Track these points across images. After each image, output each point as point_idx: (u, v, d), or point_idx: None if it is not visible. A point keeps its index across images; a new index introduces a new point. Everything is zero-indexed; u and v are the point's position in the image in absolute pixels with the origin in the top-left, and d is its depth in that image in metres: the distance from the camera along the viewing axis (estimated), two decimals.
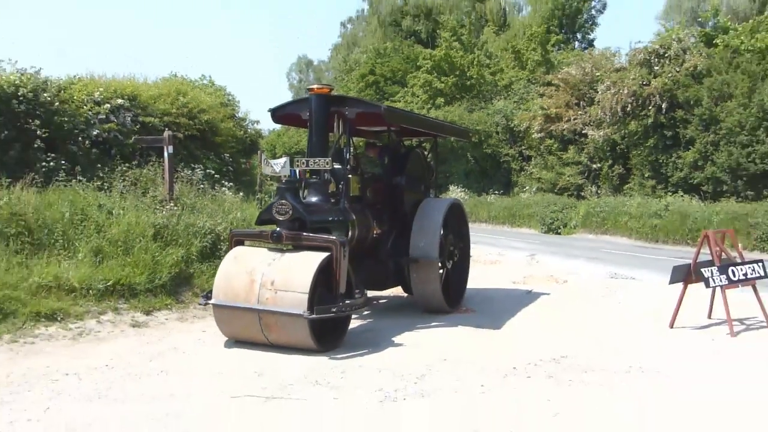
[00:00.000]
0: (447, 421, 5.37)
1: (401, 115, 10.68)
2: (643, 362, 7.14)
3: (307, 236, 7.54)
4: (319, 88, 8.51)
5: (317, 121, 8.44)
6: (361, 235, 8.80)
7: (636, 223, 23.99)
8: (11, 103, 13.00)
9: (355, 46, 65.84)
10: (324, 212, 8.16)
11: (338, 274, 7.37)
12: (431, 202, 10.08)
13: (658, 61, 28.49)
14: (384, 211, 9.68)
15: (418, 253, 9.21)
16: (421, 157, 10.96)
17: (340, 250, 7.35)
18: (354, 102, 9.09)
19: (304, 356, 7.42)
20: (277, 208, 7.65)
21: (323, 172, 8.28)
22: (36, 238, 9.55)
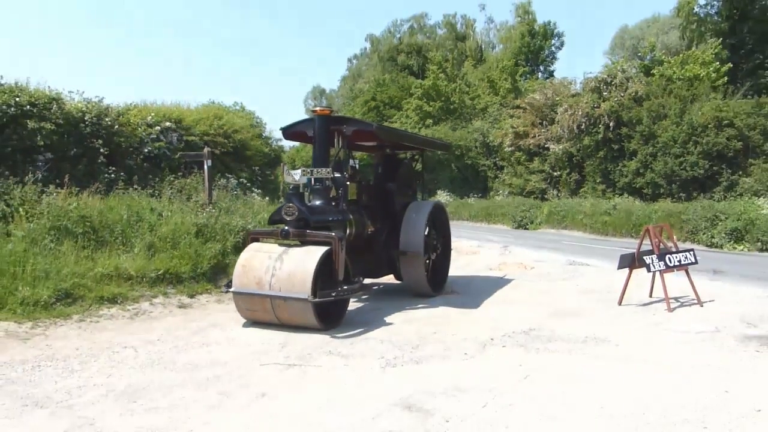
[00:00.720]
0: (437, 381, 5.34)
1: (390, 132, 10.72)
2: (597, 333, 7.11)
3: (310, 233, 7.51)
4: (321, 110, 8.47)
5: (319, 137, 8.39)
6: (358, 232, 8.79)
7: (590, 219, 23.95)
8: (79, 126, 13.01)
9: (359, 77, 65.73)
10: (325, 213, 8.11)
11: (337, 264, 7.36)
12: (418, 204, 9.98)
13: (606, 87, 28.57)
14: (377, 212, 9.62)
15: (406, 247, 9.20)
16: (410, 167, 10.91)
17: (338, 244, 7.35)
18: (351, 121, 9.05)
19: (318, 330, 7.41)
20: (285, 210, 7.65)
21: (324, 179, 8.26)
22: (100, 236, 9.53)
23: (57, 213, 9.33)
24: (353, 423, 4.42)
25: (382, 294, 10.23)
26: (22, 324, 6.99)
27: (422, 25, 64.27)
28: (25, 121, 11.78)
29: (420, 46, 57.91)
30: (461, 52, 57.53)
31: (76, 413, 4.61)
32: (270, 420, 4.50)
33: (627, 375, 5.53)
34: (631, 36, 53.71)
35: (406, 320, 7.99)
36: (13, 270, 7.75)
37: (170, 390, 5.17)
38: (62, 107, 12.87)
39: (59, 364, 5.89)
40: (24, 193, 9.90)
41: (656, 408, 4.64)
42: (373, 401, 4.88)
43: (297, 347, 6.58)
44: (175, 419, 4.51)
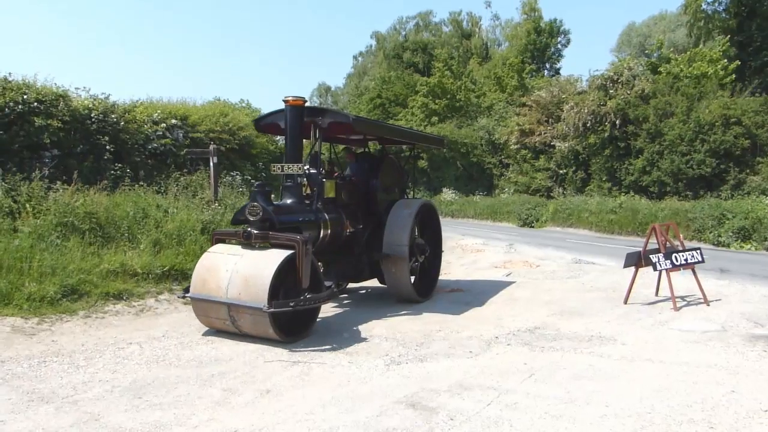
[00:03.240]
0: (442, 379, 5.33)
1: (370, 125, 9.86)
2: (602, 331, 7.09)
3: (273, 235, 6.86)
4: (294, 100, 7.65)
5: (291, 129, 7.67)
6: (335, 233, 8.21)
7: (595, 218, 23.89)
8: (85, 123, 13.05)
9: (365, 74, 65.76)
10: (294, 213, 7.52)
11: (301, 270, 6.68)
12: (404, 203, 9.29)
13: (612, 85, 28.49)
14: (358, 211, 8.96)
15: (389, 250, 8.61)
16: (395, 162, 10.11)
17: (303, 247, 6.65)
18: (326, 112, 8.26)
19: (324, 327, 7.42)
20: (249, 209, 7.02)
21: (296, 176, 7.68)
22: (106, 232, 9.56)
23: (63, 209, 9.36)
24: (358, 420, 4.41)
25: (384, 292, 10.24)
26: (28, 319, 7.02)
27: (428, 23, 64.28)
28: (33, 118, 11.83)
29: (426, 44, 57.84)
30: (467, 49, 57.48)
31: (81, 408, 4.63)
32: (275, 417, 4.50)
33: (632, 374, 5.51)
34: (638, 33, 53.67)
35: (410, 318, 7.98)
36: (20, 266, 7.78)
37: (175, 386, 5.18)
38: (69, 104, 12.92)
39: (65, 359, 5.91)
40: (31, 189, 9.94)
41: (661, 408, 4.62)
42: (378, 399, 4.88)
43: (301, 344, 6.59)
44: (180, 415, 4.51)
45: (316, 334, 7.01)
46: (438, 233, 10.20)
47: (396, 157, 10.28)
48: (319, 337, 6.92)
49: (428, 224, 9.90)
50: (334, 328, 7.38)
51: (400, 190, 10.10)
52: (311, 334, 6.94)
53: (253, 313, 6.35)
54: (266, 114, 8.87)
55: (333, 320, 7.90)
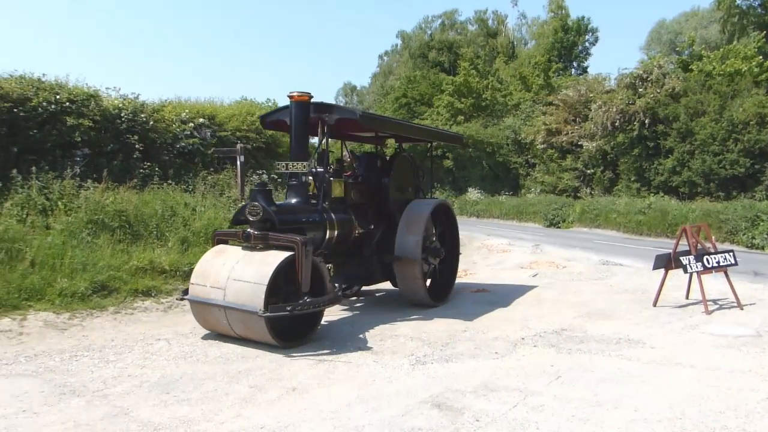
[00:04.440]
0: (467, 380, 5.32)
1: (378, 121, 9.53)
2: (631, 334, 7.01)
3: (273, 236, 6.59)
4: (299, 95, 7.38)
5: (297, 126, 7.44)
6: (343, 234, 7.89)
7: (623, 218, 23.57)
8: (115, 122, 13.25)
9: (390, 74, 65.67)
10: (297, 213, 7.28)
11: (300, 272, 6.39)
12: (418, 203, 8.92)
13: (641, 84, 28.08)
14: (369, 212, 8.64)
15: (401, 252, 8.24)
16: (409, 160, 9.66)
17: (302, 249, 6.35)
18: (333, 108, 7.86)
19: (349, 326, 7.44)
20: (249, 209, 6.76)
21: (301, 174, 7.44)
22: (135, 230, 9.71)
23: (94, 207, 9.54)
24: (383, 420, 4.42)
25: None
26: (60, 314, 7.16)
27: (453, 22, 63.92)
28: (65, 117, 12.06)
29: (451, 43, 57.57)
30: (493, 48, 57.09)
31: (111, 402, 4.71)
32: (300, 414, 4.53)
33: (662, 378, 5.44)
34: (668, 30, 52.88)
35: (435, 318, 7.97)
36: (52, 262, 7.94)
37: (202, 382, 5.24)
38: (100, 104, 13.13)
39: (95, 354, 6.02)
40: (63, 187, 10.14)
41: (693, 413, 4.55)
42: (403, 398, 4.88)
43: (327, 342, 6.62)
44: (207, 411, 4.57)
45: (340, 334, 7.04)
46: (455, 235, 9.80)
47: (411, 155, 9.93)
48: (345, 336, 6.94)
49: (445, 225, 9.53)
50: (359, 327, 7.40)
51: (415, 189, 9.69)
52: (312, 340, 6.64)
53: (249, 317, 6.12)
54: (273, 110, 8.68)
55: (357, 320, 7.92)
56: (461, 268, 12.69)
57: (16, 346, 6.18)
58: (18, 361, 5.73)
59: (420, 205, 8.84)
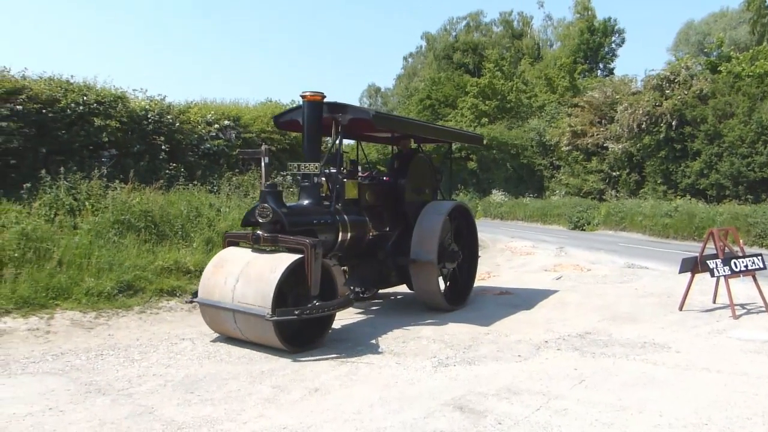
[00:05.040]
0: (490, 383, 5.29)
1: (392, 121, 9.30)
2: (656, 338, 6.92)
3: (282, 238, 6.48)
4: (311, 95, 7.24)
5: (309, 126, 7.29)
6: (356, 236, 7.74)
7: (649, 221, 23.29)
8: (142, 123, 13.40)
9: (414, 75, 65.65)
10: (308, 214, 7.12)
11: (310, 275, 6.25)
12: (434, 205, 8.75)
13: (668, 85, 27.75)
14: (384, 213, 8.46)
15: (417, 255, 8.08)
16: (426, 161, 9.43)
17: (312, 252, 6.21)
18: (346, 108, 7.60)
19: (371, 327, 7.45)
20: (259, 210, 6.66)
21: (313, 175, 7.29)
22: (160, 230, 9.82)
23: (121, 207, 9.67)
24: (405, 421, 4.42)
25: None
26: (86, 313, 7.27)
27: (478, 23, 63.74)
28: (92, 118, 12.22)
29: (476, 44, 57.37)
30: (518, 49, 56.82)
31: (136, 401, 4.77)
32: (322, 415, 4.54)
33: (688, 383, 5.36)
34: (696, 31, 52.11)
35: (458, 320, 7.93)
36: (79, 261, 8.07)
37: (226, 382, 5.28)
38: (127, 105, 13.29)
39: (121, 353, 6.09)
40: (90, 187, 10.29)
41: (719, 419, 4.47)
42: (425, 400, 4.87)
43: (349, 343, 6.64)
44: (231, 411, 4.60)
45: (362, 335, 7.04)
46: (474, 237, 9.57)
47: (428, 156, 9.62)
48: (367, 337, 6.95)
49: (463, 228, 9.31)
50: (381, 329, 7.40)
51: (432, 190, 9.48)
52: (322, 345, 6.49)
53: (256, 320, 6.01)
54: (286, 111, 8.55)
55: (379, 321, 7.92)
56: (484, 270, 12.67)
57: (43, 345, 6.29)
58: (45, 359, 5.83)
59: (437, 206, 8.70)
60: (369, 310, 8.72)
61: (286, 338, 6.16)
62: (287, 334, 6.22)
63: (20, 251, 7.79)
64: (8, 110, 10.89)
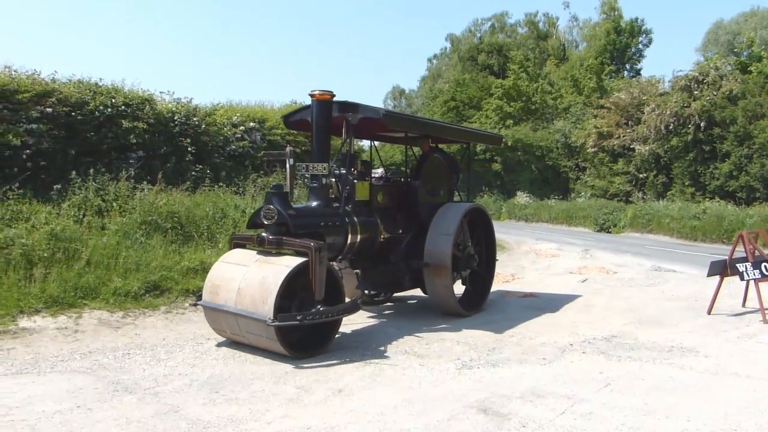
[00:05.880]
0: (514, 385, 5.26)
1: (403, 120, 8.93)
2: (684, 342, 6.81)
3: (287, 240, 6.30)
4: (320, 94, 7.06)
5: (318, 126, 7.11)
6: (367, 239, 7.53)
7: (677, 224, 22.94)
8: (169, 125, 13.55)
9: (439, 77, 65.51)
10: (315, 217, 6.94)
11: (314, 279, 6.07)
12: (450, 207, 8.48)
13: (697, 86, 27.37)
14: (397, 215, 8.23)
15: (431, 258, 7.84)
16: (441, 162, 9.07)
17: (316, 255, 6.02)
18: (356, 108, 7.34)
19: (395, 329, 7.44)
20: (264, 212, 6.51)
21: (321, 176, 7.12)
22: (186, 231, 9.93)
23: (148, 208, 9.80)
24: (428, 424, 4.40)
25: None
26: (113, 313, 7.38)
27: (503, 24, 63.49)
28: (120, 120, 12.40)
29: (501, 46, 57.10)
30: (543, 50, 56.46)
31: (162, 400, 4.82)
32: (346, 416, 4.55)
33: (716, 388, 5.26)
34: (726, 31, 51.27)
35: (482, 322, 7.90)
36: (107, 262, 8.20)
37: (251, 382, 5.32)
38: (154, 107, 13.46)
39: (147, 352, 6.17)
40: (118, 189, 10.44)
41: (749, 426, 4.39)
42: (449, 402, 4.85)
43: (373, 345, 6.64)
44: (255, 411, 4.63)
45: (386, 337, 7.04)
46: (491, 241, 9.29)
47: (442, 156, 9.34)
48: (390, 339, 6.95)
49: (480, 231, 9.03)
50: (404, 330, 7.39)
51: (448, 192, 9.16)
52: (327, 351, 6.31)
53: (258, 325, 5.87)
54: (296, 110, 8.37)
55: (403, 323, 7.90)
56: (508, 273, 12.60)
57: (72, 344, 6.39)
58: (73, 358, 5.93)
59: (452, 208, 8.43)
60: (393, 312, 8.72)
61: (291, 344, 6.01)
62: (293, 340, 6.08)
63: (50, 251, 7.94)
64: (39, 113, 11.10)
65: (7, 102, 10.74)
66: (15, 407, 4.56)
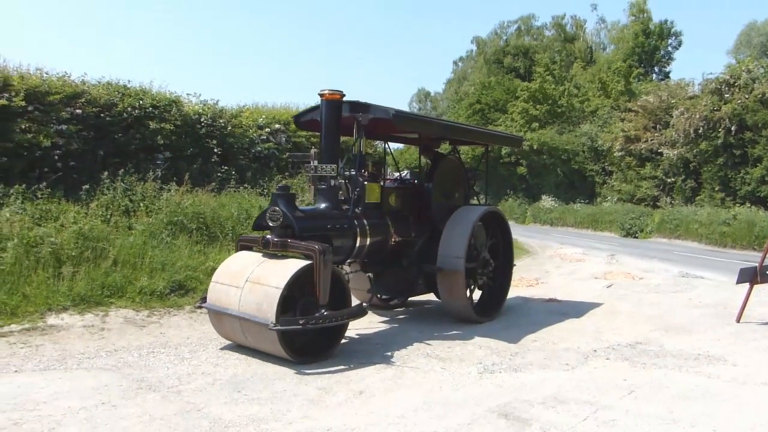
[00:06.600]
0: (536, 391, 5.22)
1: (414, 121, 8.48)
2: (711, 350, 6.70)
3: (292, 243, 6.19)
4: (330, 93, 6.89)
5: (327, 126, 6.95)
6: (377, 242, 7.38)
7: (706, 229, 22.57)
8: (195, 127, 13.70)
9: (464, 80, 65.34)
10: (322, 219, 6.81)
11: (319, 283, 5.94)
12: (465, 210, 8.25)
13: (728, 89, 26.86)
14: (409, 219, 8.08)
15: (444, 262, 7.64)
16: (455, 163, 8.93)
17: (320, 258, 5.89)
18: (366, 108, 7.14)
19: (417, 332, 7.43)
20: (269, 214, 6.38)
21: (329, 178, 6.96)
22: (212, 232, 10.04)
23: (174, 209, 9.93)
24: (449, 427, 4.40)
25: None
26: (139, 312, 7.49)
27: (530, 27, 63.14)
28: (148, 121, 12.57)
29: (527, 48, 56.80)
30: (570, 53, 55.98)
31: (185, 398, 4.88)
32: (367, 418, 4.56)
33: (744, 398, 5.17)
34: (759, 33, 50.42)
35: (505, 327, 7.85)
36: (133, 261, 8.32)
37: (272, 382, 5.36)
38: (181, 109, 13.61)
39: (171, 351, 6.25)
40: (145, 189, 10.60)
41: None
42: (470, 406, 4.83)
43: (395, 347, 6.64)
44: (276, 411, 4.66)
45: (407, 339, 7.03)
46: (508, 245, 9.04)
47: (458, 158, 9.12)
48: (412, 341, 6.94)
49: (497, 235, 8.79)
50: (426, 333, 7.39)
51: (463, 195, 8.96)
52: (332, 356, 6.20)
53: (260, 329, 5.77)
54: (306, 110, 8.17)
55: (425, 326, 7.89)
56: (533, 277, 12.52)
57: (98, 341, 6.50)
58: (99, 355, 6.03)
59: (467, 212, 8.20)
60: (415, 314, 8.71)
61: (295, 348, 5.94)
62: (297, 344, 6.01)
63: (78, 250, 8.09)
64: (69, 114, 11.30)
65: (39, 103, 10.95)
66: (42, 402, 4.65)
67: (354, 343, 6.81)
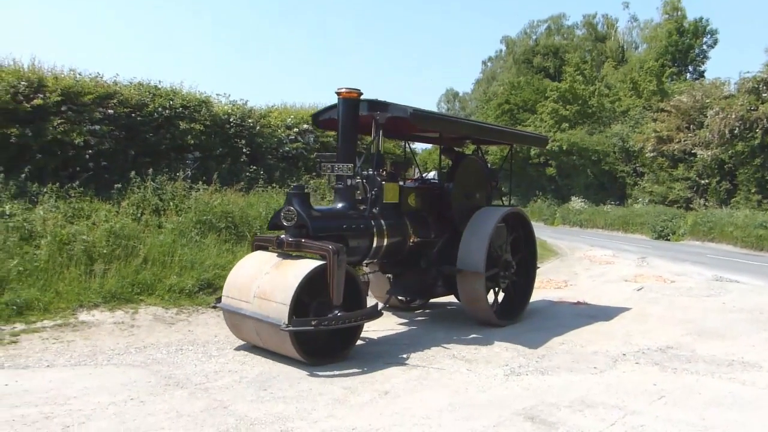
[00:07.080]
0: (563, 394, 5.17)
1: (433, 119, 8.06)
2: (745, 356, 6.56)
3: (306, 243, 6.11)
4: (347, 92, 6.76)
5: (344, 125, 6.84)
6: (395, 243, 7.24)
7: (741, 232, 22.13)
8: (224, 127, 13.83)
9: (493, 80, 64.99)
10: (338, 219, 6.71)
11: (332, 283, 5.84)
12: (486, 210, 8.10)
13: (765, 88, 26.28)
14: (429, 219, 7.90)
15: (464, 264, 7.48)
16: (477, 163, 8.76)
17: (334, 258, 5.80)
18: (384, 106, 6.99)
19: (444, 333, 7.41)
20: (284, 214, 6.30)
21: (345, 177, 6.82)
22: (240, 231, 10.12)
23: (203, 208, 10.04)
24: (474, 429, 4.37)
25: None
26: (168, 309, 7.59)
27: (560, 26, 62.55)
28: (178, 122, 12.73)
29: (557, 48, 56.27)
30: (601, 52, 55.32)
31: (211, 396, 4.93)
32: (392, 418, 4.56)
33: None
34: None
35: (531, 329, 7.79)
36: (163, 259, 8.44)
37: (298, 381, 5.39)
38: (210, 109, 13.76)
39: (199, 348, 6.33)
40: (175, 188, 10.73)
41: None
42: (496, 409, 4.80)
43: (420, 348, 6.63)
44: (302, 410, 4.68)
45: (433, 340, 7.01)
46: (532, 247, 8.90)
47: (480, 158, 8.95)
48: (438, 342, 6.92)
49: (519, 236, 8.64)
50: (452, 334, 7.36)
51: (486, 195, 8.77)
52: (346, 358, 6.11)
53: (273, 330, 5.70)
54: (325, 108, 7.98)
55: (451, 327, 7.86)
56: (561, 279, 12.40)
57: (128, 338, 6.60)
58: (128, 351, 6.12)
59: (488, 213, 8.03)
60: (441, 316, 8.68)
61: (309, 350, 5.87)
62: (311, 346, 5.94)
63: (109, 248, 8.23)
64: (101, 114, 11.50)
65: (72, 104, 11.16)
66: (73, 397, 4.74)
67: (379, 343, 6.82)
